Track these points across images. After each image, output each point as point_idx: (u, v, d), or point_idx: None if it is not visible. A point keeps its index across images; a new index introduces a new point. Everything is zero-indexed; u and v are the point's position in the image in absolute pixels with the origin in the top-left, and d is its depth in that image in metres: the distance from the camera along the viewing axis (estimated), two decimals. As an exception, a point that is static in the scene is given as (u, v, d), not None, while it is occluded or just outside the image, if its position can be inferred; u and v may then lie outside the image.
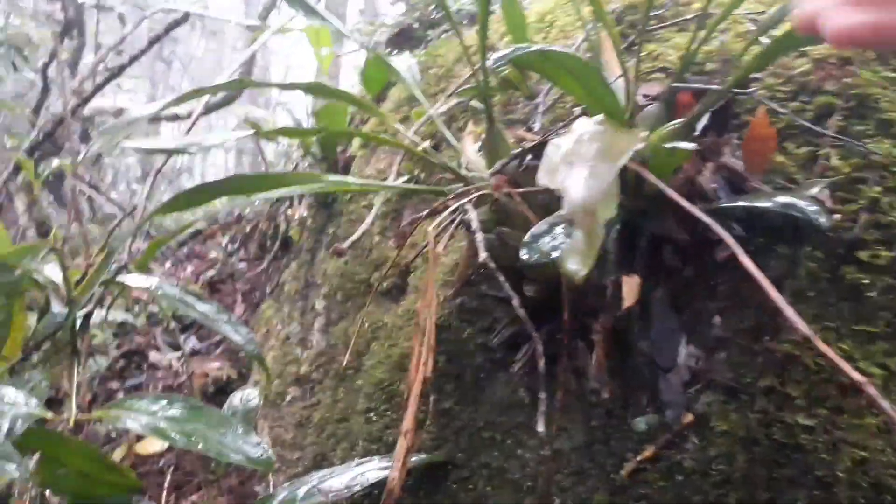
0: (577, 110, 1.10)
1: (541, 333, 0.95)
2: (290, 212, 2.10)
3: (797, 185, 0.90)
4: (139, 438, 1.73)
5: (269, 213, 2.40)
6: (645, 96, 1.04)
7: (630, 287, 0.94)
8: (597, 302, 0.94)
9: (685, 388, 0.88)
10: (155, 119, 3.68)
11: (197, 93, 0.87)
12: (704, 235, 0.84)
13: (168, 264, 2.66)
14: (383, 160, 1.78)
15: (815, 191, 0.86)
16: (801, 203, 0.81)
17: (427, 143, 1.57)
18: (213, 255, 2.61)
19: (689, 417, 0.85)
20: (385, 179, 1.66)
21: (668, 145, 0.85)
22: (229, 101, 3.10)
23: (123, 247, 0.96)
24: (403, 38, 2.17)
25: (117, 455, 1.63)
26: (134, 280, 0.96)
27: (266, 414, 1.72)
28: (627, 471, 0.86)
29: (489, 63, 0.77)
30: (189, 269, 2.63)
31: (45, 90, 3.79)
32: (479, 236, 0.90)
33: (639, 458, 0.86)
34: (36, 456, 0.98)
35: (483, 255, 0.89)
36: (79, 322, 1.00)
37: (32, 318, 1.13)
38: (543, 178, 0.64)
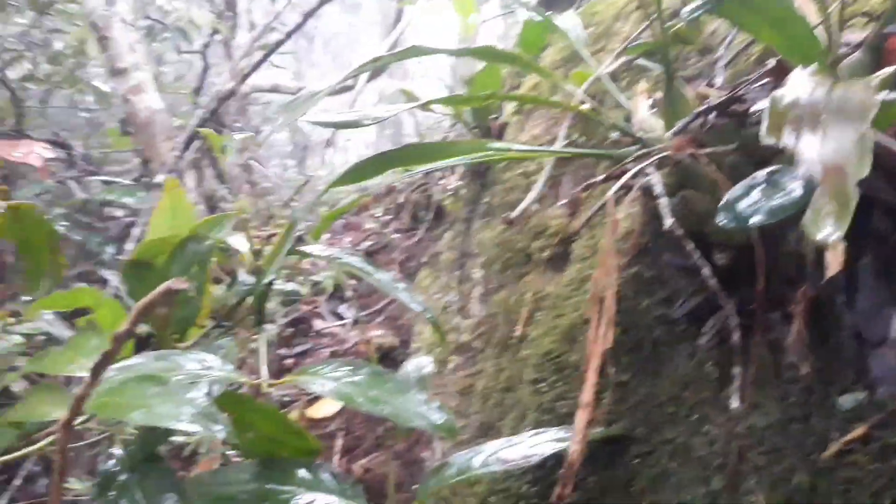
0: (769, 62, 1.01)
1: (731, 304, 0.89)
2: (442, 182, 2.11)
3: None
4: (310, 403, 1.81)
5: (420, 184, 2.43)
6: (846, 44, 0.95)
7: (834, 254, 0.85)
8: (794, 270, 0.87)
9: (901, 364, 0.79)
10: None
11: (374, 62, 0.87)
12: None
13: (327, 235, 2.77)
14: (538, 125, 1.74)
15: None
16: None
17: (588, 105, 1.52)
18: (367, 225, 2.68)
19: (907, 396, 0.77)
20: (542, 145, 1.62)
21: (883, 97, 0.76)
22: (377, 74, 3.16)
23: (306, 217, 0.99)
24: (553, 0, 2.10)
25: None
26: (317, 249, 0.99)
27: (428, 381, 1.75)
28: (832, 451, 0.80)
29: (684, 13, 0.72)
30: (347, 239, 2.72)
31: (205, 70, 4.02)
32: (664, 201, 0.86)
33: (846, 438, 0.79)
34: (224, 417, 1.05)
35: (669, 221, 0.84)
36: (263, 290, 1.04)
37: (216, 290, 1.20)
38: (768, 137, 0.59)
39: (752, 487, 0.84)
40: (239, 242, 1.00)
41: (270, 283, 1.10)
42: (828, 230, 0.50)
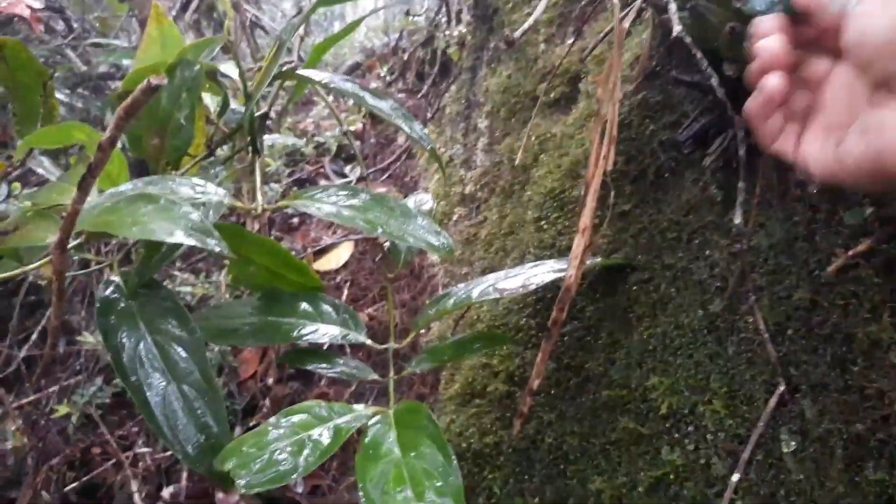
0: None
1: (739, 118, 0.86)
2: (447, 32, 2.03)
3: None
4: (317, 257, 1.82)
5: (425, 39, 2.33)
6: None
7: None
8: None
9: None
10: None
11: None
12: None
13: (331, 97, 2.70)
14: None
15: None
16: None
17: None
18: (372, 85, 2.61)
19: (917, 207, 0.75)
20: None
21: None
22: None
23: (294, 40, 0.94)
24: None
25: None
26: (308, 73, 0.95)
27: (432, 234, 1.75)
28: (836, 267, 0.78)
29: None
30: (351, 101, 2.65)
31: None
32: (673, 7, 0.80)
33: (850, 252, 0.77)
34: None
35: (677, 28, 0.79)
36: (257, 122, 1.01)
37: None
38: None
39: (751, 308, 0.83)
40: (229, 68, 0.96)
41: (265, 115, 1.07)
42: None
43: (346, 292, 1.68)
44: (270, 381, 1.58)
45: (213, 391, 0.88)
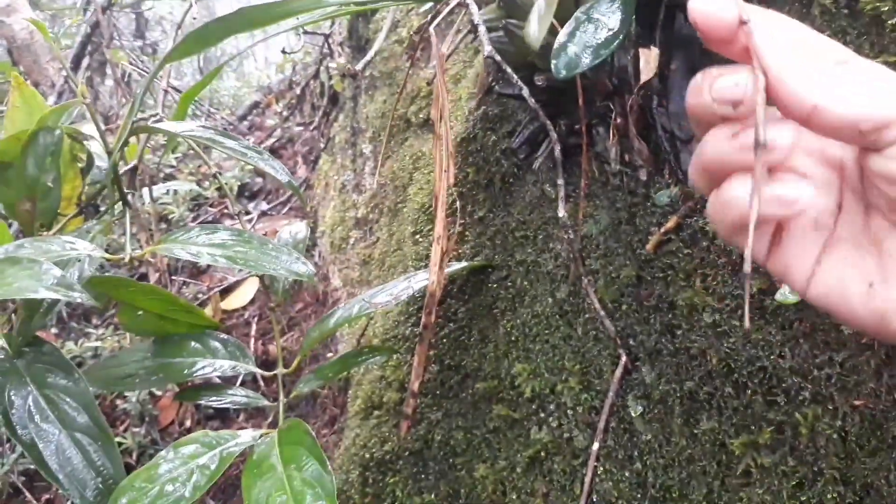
0: None
1: (561, 125, 0.95)
2: (331, 63, 2.10)
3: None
4: (223, 296, 1.86)
5: (315, 71, 2.40)
6: None
7: (647, 59, 0.91)
8: (619, 84, 0.92)
9: (706, 155, 0.86)
10: None
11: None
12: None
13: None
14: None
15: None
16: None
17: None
18: (269, 122, 2.66)
19: (709, 183, 0.84)
20: None
21: None
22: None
23: (147, 94, 1.00)
24: None
25: (206, 312, 1.76)
26: (164, 125, 1.00)
27: (334, 259, 1.81)
28: (652, 244, 0.87)
29: None
30: (251, 140, 2.70)
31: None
32: (482, 30, 0.89)
33: (662, 229, 0.87)
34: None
35: (487, 49, 0.88)
36: (127, 176, 1.06)
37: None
38: None
39: (590, 288, 0.92)
40: (89, 128, 1.01)
41: (135, 168, 1.11)
42: (533, 31, 0.51)
43: (254, 327, 1.72)
44: (188, 423, 1.61)
45: (105, 436, 0.92)
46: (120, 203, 1.04)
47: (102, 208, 1.15)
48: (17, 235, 1.09)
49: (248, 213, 2.19)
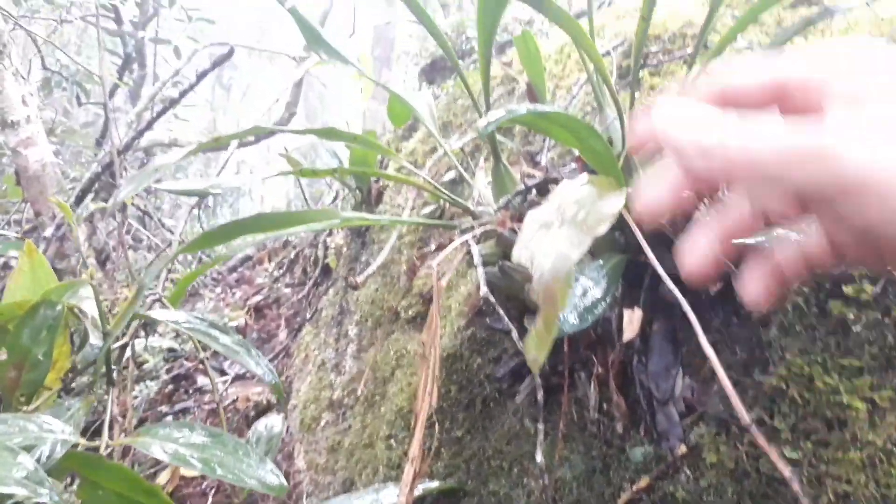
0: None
1: (545, 365, 0.98)
2: (328, 239, 2.18)
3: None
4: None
5: (312, 239, 2.48)
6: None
7: (631, 320, 0.96)
8: (602, 335, 0.97)
9: (681, 419, 0.89)
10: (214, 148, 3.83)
11: (216, 141, 0.94)
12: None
13: (218, 290, 2.78)
14: (412, 190, 1.84)
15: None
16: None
17: (451, 175, 1.62)
18: (259, 280, 2.71)
19: (683, 449, 0.87)
20: (414, 208, 1.72)
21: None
22: (283, 124, 3.22)
23: (155, 282, 1.03)
24: (436, 69, 2.23)
25: (163, 477, 1.71)
26: (162, 315, 1.03)
27: (302, 438, 1.79)
28: (623, 501, 0.89)
29: (480, 125, 0.81)
30: (237, 294, 2.73)
31: (107, 122, 4.00)
32: (480, 270, 0.94)
33: (634, 488, 0.88)
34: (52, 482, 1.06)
35: (483, 289, 0.93)
36: (116, 352, 1.07)
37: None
38: (519, 253, 0.63)
39: (560, 535, 0.92)
40: (89, 307, 1.04)
41: (125, 346, 1.13)
42: (533, 352, 0.54)
43: (210, 500, 1.67)
44: None
45: None
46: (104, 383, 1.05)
47: (84, 382, 1.15)
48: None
49: (224, 372, 2.18)
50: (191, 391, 2.13)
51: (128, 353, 1.10)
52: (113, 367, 1.09)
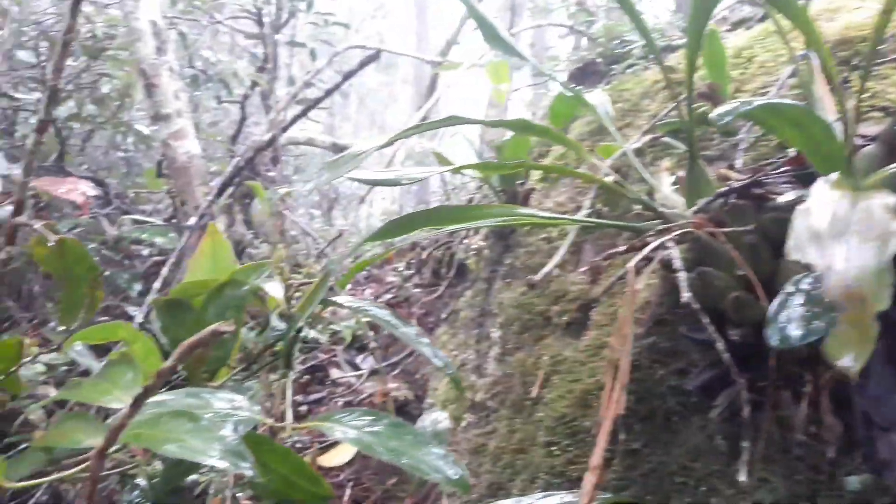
0: (790, 150, 1.06)
1: (743, 380, 0.92)
2: (466, 241, 2.16)
3: None
4: (322, 452, 1.83)
5: (443, 241, 2.48)
6: (863, 136, 0.99)
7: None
8: (807, 350, 0.90)
9: (907, 449, 0.81)
10: (339, 149, 3.92)
11: (416, 129, 0.93)
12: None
13: (349, 286, 2.82)
14: (563, 193, 1.80)
15: None
16: None
17: (612, 178, 1.57)
18: (389, 278, 2.73)
19: (912, 482, 0.79)
20: (566, 213, 1.68)
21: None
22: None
23: (340, 269, 1.04)
24: (585, 73, 2.19)
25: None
26: (347, 300, 1.03)
27: (440, 437, 1.77)
28: (838, 532, 0.81)
29: (713, 117, 0.76)
30: (368, 291, 2.77)
31: (243, 120, 4.16)
32: (682, 275, 0.89)
33: (852, 520, 0.81)
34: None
35: (686, 295, 0.88)
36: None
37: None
38: (794, 253, 0.61)
39: (758, 563, 0.85)
40: (275, 289, 1.05)
41: (300, 331, 1.14)
42: (847, 361, 0.51)
43: (348, 492, 1.68)
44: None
45: None
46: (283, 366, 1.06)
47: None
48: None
49: (356, 366, 2.20)
50: (326, 382, 2.17)
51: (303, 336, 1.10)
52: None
